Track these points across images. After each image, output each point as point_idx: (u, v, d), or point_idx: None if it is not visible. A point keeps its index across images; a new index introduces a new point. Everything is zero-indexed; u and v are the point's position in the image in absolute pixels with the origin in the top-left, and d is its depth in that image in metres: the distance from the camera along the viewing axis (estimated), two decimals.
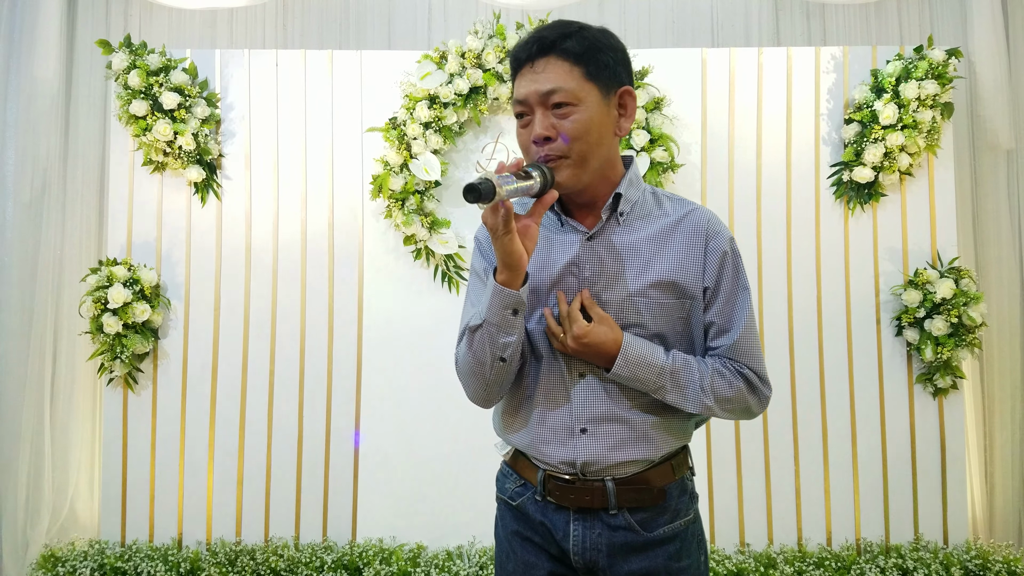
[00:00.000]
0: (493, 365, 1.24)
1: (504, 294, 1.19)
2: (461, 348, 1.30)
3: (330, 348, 2.96)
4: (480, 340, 1.23)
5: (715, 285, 1.27)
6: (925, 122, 2.84)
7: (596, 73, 1.21)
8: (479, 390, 1.30)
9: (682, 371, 1.25)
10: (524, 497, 1.33)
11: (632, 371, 1.22)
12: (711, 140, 2.99)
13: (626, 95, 1.26)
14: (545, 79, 1.20)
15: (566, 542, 1.28)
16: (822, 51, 3.01)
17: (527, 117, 1.24)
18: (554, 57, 1.20)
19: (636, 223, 1.28)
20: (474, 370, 1.27)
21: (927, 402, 2.92)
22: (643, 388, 1.24)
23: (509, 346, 1.22)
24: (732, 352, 1.28)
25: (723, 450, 2.90)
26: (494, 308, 1.20)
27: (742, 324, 1.27)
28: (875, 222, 2.98)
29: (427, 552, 2.82)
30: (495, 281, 1.20)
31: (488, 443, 2.81)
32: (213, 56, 3.00)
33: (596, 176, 1.25)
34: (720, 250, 1.27)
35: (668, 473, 1.29)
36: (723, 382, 1.26)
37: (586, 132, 1.20)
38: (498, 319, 1.20)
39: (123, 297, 2.77)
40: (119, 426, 2.92)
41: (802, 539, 2.89)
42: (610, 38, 1.25)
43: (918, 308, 2.85)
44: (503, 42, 2.85)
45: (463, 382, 1.32)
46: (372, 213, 2.96)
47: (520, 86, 1.24)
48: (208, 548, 2.85)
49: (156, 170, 2.95)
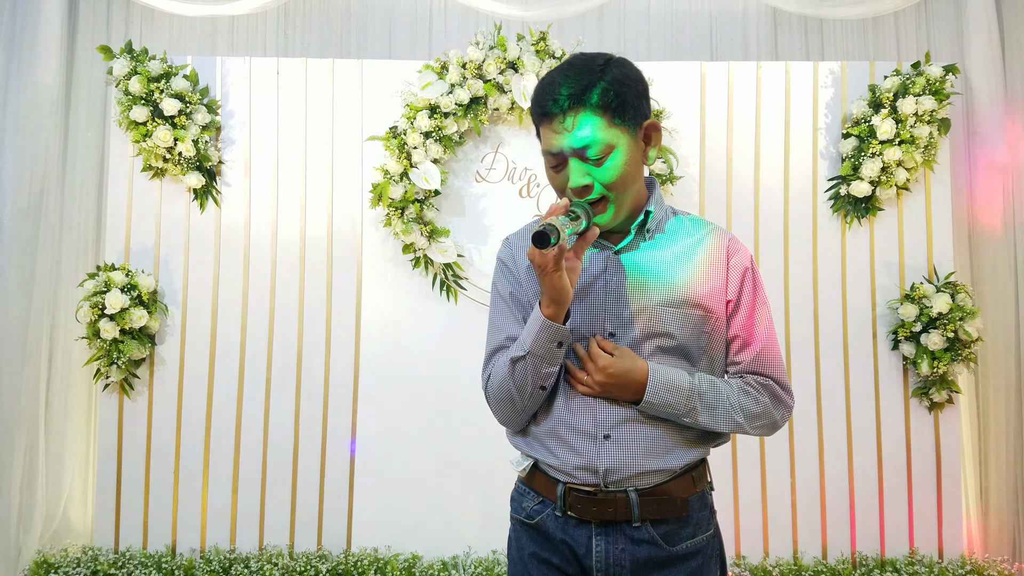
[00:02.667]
0: (533, 393, 1.27)
1: (552, 329, 1.21)
2: (496, 375, 1.31)
3: (327, 356, 2.95)
4: (522, 371, 1.25)
5: (737, 299, 1.32)
6: (922, 137, 2.86)
7: (624, 117, 1.22)
8: (513, 416, 1.32)
9: (709, 392, 1.26)
10: (543, 515, 1.31)
11: (663, 397, 1.23)
12: (709, 153, 3.01)
13: (651, 128, 1.27)
14: (579, 136, 1.20)
15: (588, 558, 1.26)
16: (820, 66, 3.03)
17: (560, 166, 1.25)
18: (585, 112, 1.20)
19: (661, 239, 1.32)
20: (512, 398, 1.28)
21: (923, 416, 2.93)
22: (674, 413, 1.25)
23: (551, 376, 1.26)
24: (755, 364, 1.32)
25: (719, 464, 2.90)
26: (540, 341, 1.22)
27: (763, 335, 1.32)
28: (872, 236, 2.99)
29: (422, 562, 2.81)
30: (542, 315, 1.22)
31: (485, 453, 2.81)
32: (214, 63, 3.01)
33: (630, 209, 1.29)
34: (742, 266, 1.33)
35: (689, 485, 1.29)
36: (749, 400, 1.30)
37: (621, 176, 1.23)
38: (543, 351, 1.23)
39: (120, 303, 2.77)
40: (114, 432, 2.90)
41: (798, 552, 2.89)
42: (630, 72, 1.25)
43: (914, 322, 2.86)
44: (504, 53, 2.87)
45: (495, 407, 1.34)
46: (371, 221, 2.96)
47: (551, 139, 1.23)
48: (202, 556, 2.84)
49: (155, 176, 2.95)
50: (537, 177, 2.97)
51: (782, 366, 1.34)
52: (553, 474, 1.30)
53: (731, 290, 1.31)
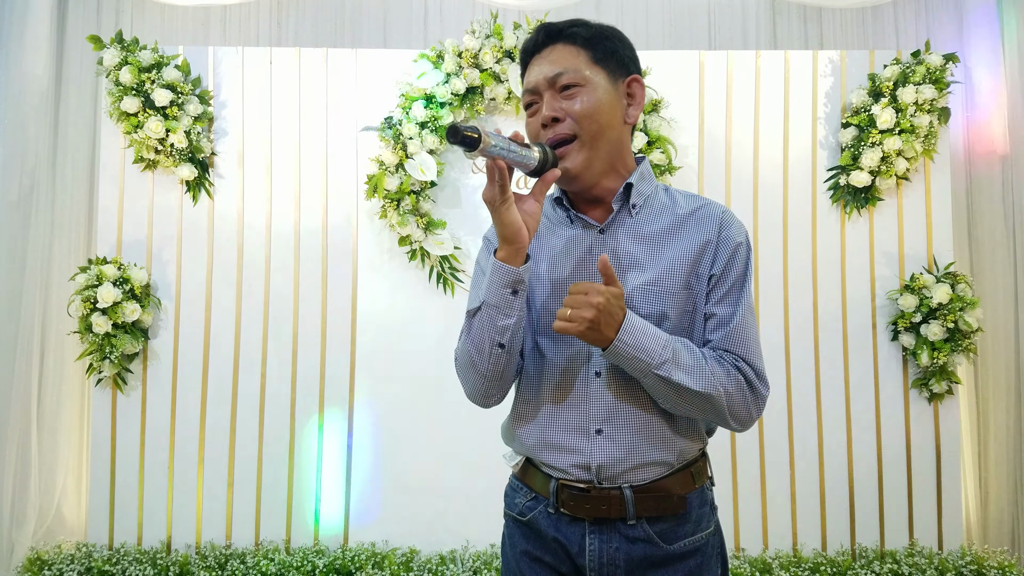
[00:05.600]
0: (491, 352, 1.18)
1: (503, 271, 1.14)
2: (460, 339, 1.26)
3: (323, 349, 2.92)
4: (479, 324, 1.18)
5: (721, 274, 1.22)
6: (922, 127, 2.84)
7: (603, 58, 1.22)
8: (477, 383, 1.23)
9: (684, 349, 1.17)
10: (535, 511, 1.26)
11: (638, 339, 1.13)
12: (708, 143, 2.98)
13: (634, 83, 1.26)
14: (552, 63, 1.21)
15: (581, 557, 1.21)
16: (819, 55, 3.00)
17: (535, 105, 1.23)
18: (561, 43, 1.22)
19: (648, 216, 1.25)
20: (472, 359, 1.21)
21: (923, 407, 2.92)
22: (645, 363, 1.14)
23: (508, 329, 1.17)
24: (729, 343, 1.21)
25: (718, 456, 2.88)
26: (493, 287, 1.15)
27: (740, 316, 1.22)
28: (872, 226, 2.97)
29: (420, 556, 2.79)
30: (495, 258, 1.15)
31: (483, 446, 2.79)
32: (206, 53, 2.96)
33: (605, 164, 1.23)
34: (733, 240, 1.23)
35: (688, 481, 1.23)
36: (722, 370, 1.18)
37: (595, 112, 1.19)
38: (497, 299, 1.15)
39: (113, 296, 2.73)
40: (107, 427, 2.87)
41: (797, 544, 2.88)
42: (617, 32, 1.27)
43: (914, 313, 2.84)
44: (500, 42, 2.83)
45: (461, 377, 1.27)
46: (367, 213, 2.93)
47: (529, 75, 1.24)
48: (198, 551, 2.82)
49: (147, 168, 2.91)
50: None
51: (758, 351, 1.23)
52: (546, 470, 1.25)
53: (716, 265, 1.22)
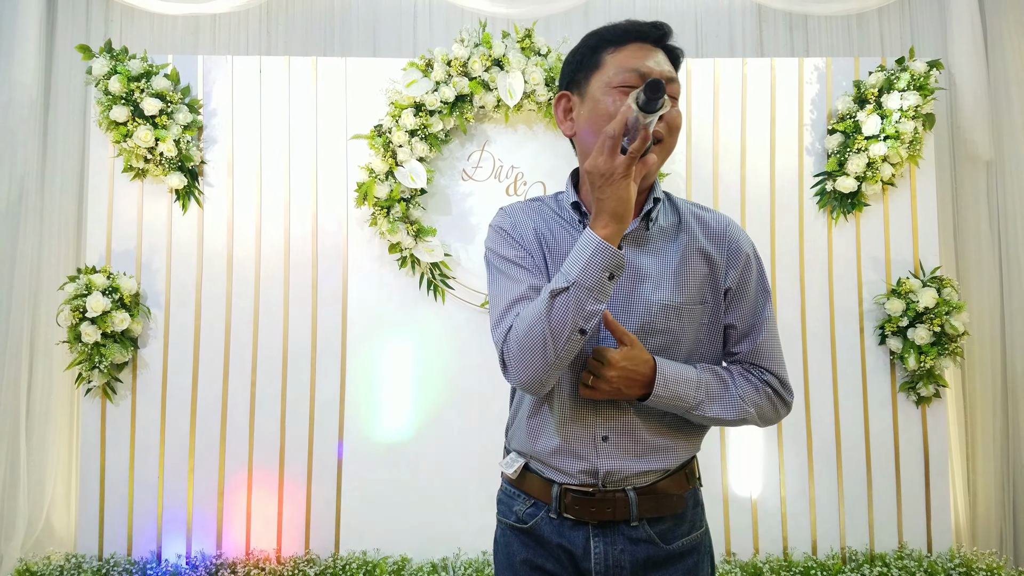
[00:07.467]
0: (570, 338, 1.08)
1: (607, 252, 1.05)
2: (525, 319, 1.11)
3: (313, 357, 2.92)
4: (563, 306, 1.06)
5: (737, 287, 1.25)
6: (907, 133, 2.87)
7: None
8: (540, 369, 1.11)
9: (715, 382, 1.21)
10: (537, 518, 1.25)
11: (672, 390, 1.16)
12: (695, 150, 3.00)
13: None
14: (669, 69, 1.20)
15: (586, 561, 1.21)
16: (805, 62, 3.03)
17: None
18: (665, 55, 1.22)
19: (661, 227, 1.26)
20: (544, 343, 1.08)
21: (910, 410, 2.94)
22: (682, 406, 1.18)
23: (595, 316, 1.08)
24: (754, 357, 1.25)
25: (708, 460, 2.89)
26: (592, 268, 1.05)
27: (764, 329, 1.25)
28: (858, 232, 3.00)
29: (411, 564, 2.79)
30: (597, 236, 1.05)
31: (473, 454, 2.79)
32: (195, 62, 2.97)
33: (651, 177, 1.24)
34: (743, 253, 1.26)
35: (683, 482, 1.26)
36: (751, 387, 1.24)
37: (679, 130, 1.20)
38: (592, 281, 1.05)
39: (102, 306, 2.73)
40: (97, 437, 2.86)
41: (787, 548, 2.89)
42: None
43: (901, 317, 2.86)
44: (489, 50, 2.85)
45: (519, 359, 1.12)
46: (357, 221, 2.94)
47: (643, 58, 1.17)
48: (188, 562, 2.80)
49: (136, 177, 2.91)
50: (523, 175, 2.96)
51: (782, 360, 1.27)
52: (549, 475, 1.25)
53: (730, 278, 1.24)
